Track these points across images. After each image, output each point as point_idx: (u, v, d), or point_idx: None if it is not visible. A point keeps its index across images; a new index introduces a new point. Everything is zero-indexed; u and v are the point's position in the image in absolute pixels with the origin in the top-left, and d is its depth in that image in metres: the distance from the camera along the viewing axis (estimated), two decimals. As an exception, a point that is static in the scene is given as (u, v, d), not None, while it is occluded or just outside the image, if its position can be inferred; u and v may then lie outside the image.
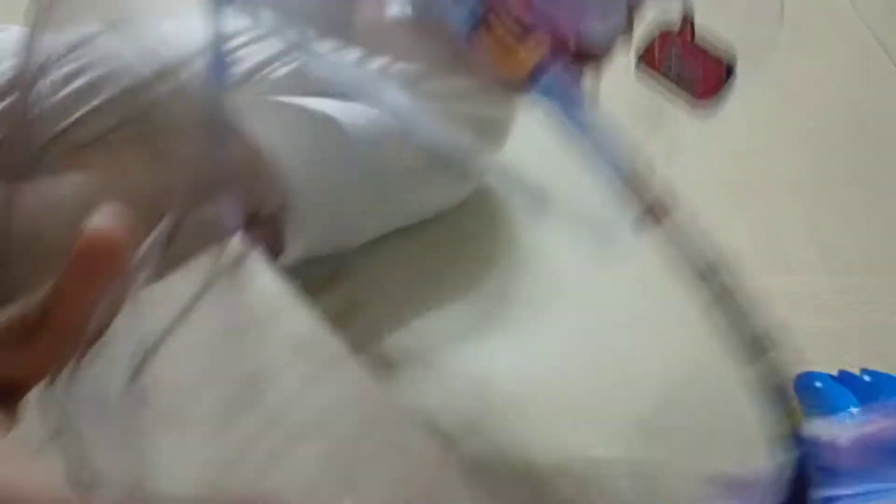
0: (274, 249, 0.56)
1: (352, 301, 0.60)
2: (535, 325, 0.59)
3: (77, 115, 0.56)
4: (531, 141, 0.59)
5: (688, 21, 0.41)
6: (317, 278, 0.60)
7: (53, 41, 0.59)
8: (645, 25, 0.42)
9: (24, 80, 0.56)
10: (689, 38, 0.41)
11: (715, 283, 0.29)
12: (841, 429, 0.39)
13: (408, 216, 0.64)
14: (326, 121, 0.59)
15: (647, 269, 0.60)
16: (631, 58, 0.42)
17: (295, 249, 0.57)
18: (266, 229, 0.56)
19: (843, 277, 0.64)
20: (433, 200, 0.65)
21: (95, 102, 0.56)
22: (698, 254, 0.29)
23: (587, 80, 0.43)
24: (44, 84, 0.56)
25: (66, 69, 0.57)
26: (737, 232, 0.68)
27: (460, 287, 0.62)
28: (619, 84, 0.43)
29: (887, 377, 0.53)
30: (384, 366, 0.54)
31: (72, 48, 0.58)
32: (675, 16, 0.40)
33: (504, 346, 0.58)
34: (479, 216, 0.68)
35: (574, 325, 0.60)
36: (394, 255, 0.63)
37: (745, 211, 0.70)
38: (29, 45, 0.58)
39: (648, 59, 0.42)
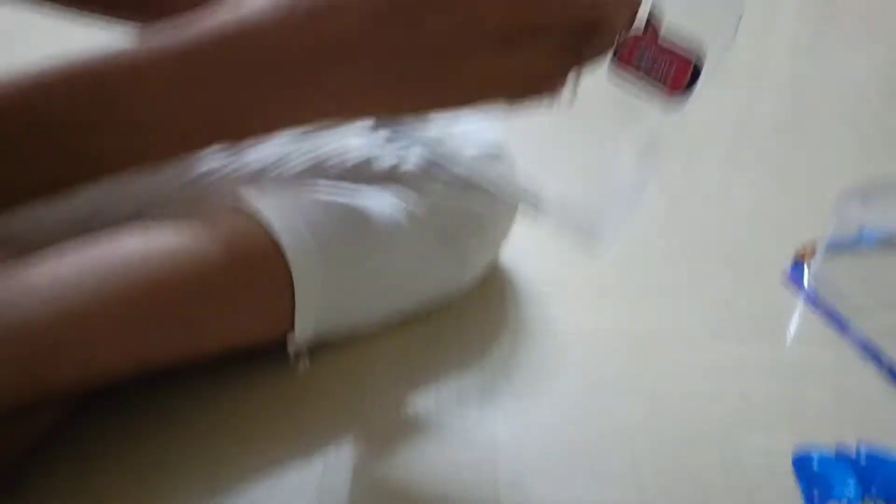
0: (283, 333, 0.59)
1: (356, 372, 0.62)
2: (539, 392, 0.61)
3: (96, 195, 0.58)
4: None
5: (655, 19, 0.44)
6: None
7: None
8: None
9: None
10: (656, 35, 0.45)
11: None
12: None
13: (416, 305, 0.66)
14: (338, 207, 0.61)
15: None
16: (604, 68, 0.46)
17: (304, 332, 0.59)
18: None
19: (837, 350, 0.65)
20: (443, 285, 0.67)
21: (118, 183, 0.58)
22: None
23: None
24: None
25: None
26: (735, 303, 0.70)
27: (467, 361, 0.64)
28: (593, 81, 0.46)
29: (883, 457, 0.54)
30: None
31: None
32: (644, 15, 0.44)
33: (509, 413, 0.59)
34: (484, 292, 0.70)
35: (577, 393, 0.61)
36: (402, 332, 0.65)
37: (747, 282, 0.72)
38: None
39: (622, 56, 0.45)
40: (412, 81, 0.39)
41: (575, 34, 0.41)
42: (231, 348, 0.58)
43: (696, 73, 0.46)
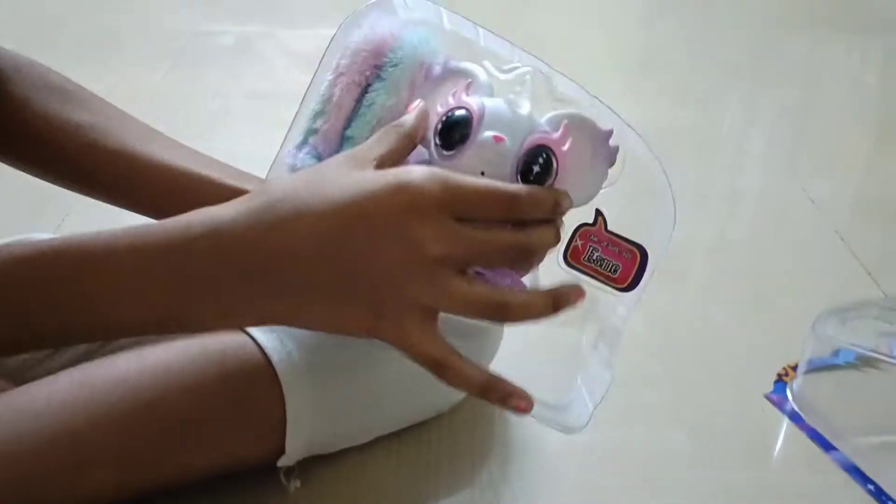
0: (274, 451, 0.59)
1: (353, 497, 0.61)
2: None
3: None
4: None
5: (600, 213, 0.48)
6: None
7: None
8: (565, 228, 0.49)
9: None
10: (603, 227, 0.49)
11: None
12: None
13: (406, 419, 0.66)
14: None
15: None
16: (558, 256, 0.49)
17: (296, 450, 0.59)
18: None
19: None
20: (431, 402, 0.67)
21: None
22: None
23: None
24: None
25: None
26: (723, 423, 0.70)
27: (458, 483, 0.64)
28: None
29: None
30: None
31: None
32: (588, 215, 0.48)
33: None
34: (474, 408, 0.70)
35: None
36: (391, 451, 0.65)
37: (729, 404, 0.73)
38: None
39: (573, 255, 0.49)
40: (354, 299, 0.43)
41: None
42: (222, 468, 0.58)
43: (643, 266, 0.49)
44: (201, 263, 0.41)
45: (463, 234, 0.42)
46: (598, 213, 0.48)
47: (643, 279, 0.49)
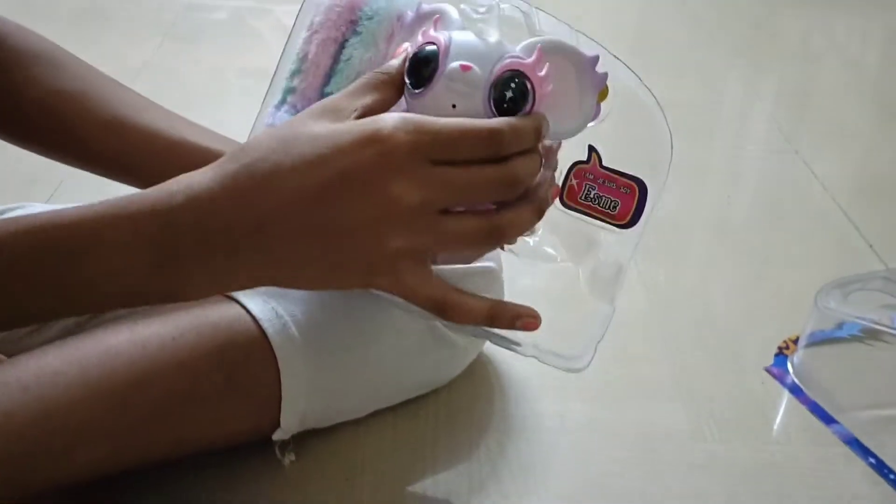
0: (269, 425, 0.58)
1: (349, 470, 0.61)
2: (528, 492, 0.60)
3: None
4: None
5: (593, 150, 0.47)
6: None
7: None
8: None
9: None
10: (598, 164, 0.47)
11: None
12: None
13: (403, 393, 0.66)
14: (325, 296, 0.61)
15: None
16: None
17: (291, 424, 0.58)
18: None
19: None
20: (429, 377, 0.67)
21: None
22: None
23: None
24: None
25: None
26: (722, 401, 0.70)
27: (455, 458, 0.63)
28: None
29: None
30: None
31: None
32: (581, 151, 0.47)
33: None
34: (473, 385, 0.70)
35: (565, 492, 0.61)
36: (387, 425, 0.65)
37: (730, 378, 0.72)
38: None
39: (569, 195, 0.47)
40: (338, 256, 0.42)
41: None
42: (216, 442, 0.57)
43: (642, 200, 0.48)
44: (186, 232, 0.40)
45: (441, 178, 0.41)
46: (592, 149, 0.47)
47: (644, 214, 0.48)
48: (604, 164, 0.47)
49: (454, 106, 0.42)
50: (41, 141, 0.62)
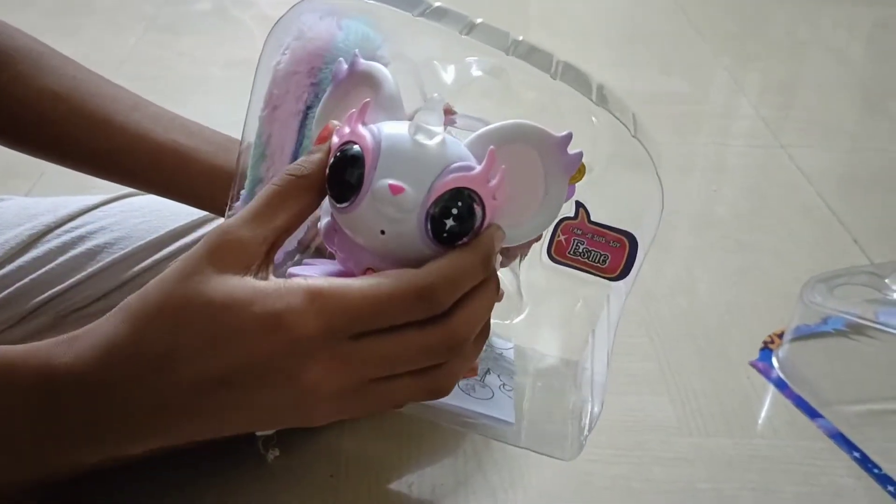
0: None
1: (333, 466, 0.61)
2: (514, 487, 0.60)
3: (66, 284, 0.57)
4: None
5: (581, 205, 0.44)
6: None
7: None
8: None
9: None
10: (586, 219, 0.44)
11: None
12: None
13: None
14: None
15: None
16: (542, 252, 0.44)
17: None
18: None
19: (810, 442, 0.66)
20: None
21: (87, 271, 0.58)
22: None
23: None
24: (38, 252, 0.59)
25: (64, 238, 0.59)
26: (708, 396, 0.70)
27: (441, 454, 0.63)
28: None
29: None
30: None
31: (71, 217, 0.61)
32: (569, 206, 0.43)
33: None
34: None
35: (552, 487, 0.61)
36: (372, 421, 0.64)
37: (715, 372, 0.72)
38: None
39: (557, 250, 0.44)
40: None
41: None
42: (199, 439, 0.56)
43: (633, 253, 0.44)
44: (71, 413, 0.35)
45: (363, 355, 0.34)
46: (579, 205, 0.43)
47: (635, 265, 0.44)
48: (592, 219, 0.44)
49: (382, 232, 0.34)
50: (26, 140, 0.61)
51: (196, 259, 0.34)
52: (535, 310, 0.50)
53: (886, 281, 0.71)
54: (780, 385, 0.71)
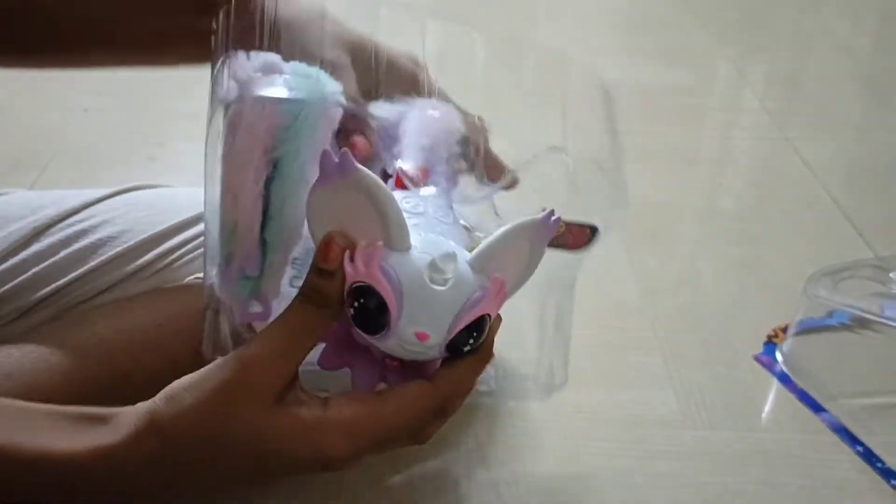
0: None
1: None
2: (516, 480, 0.60)
3: (69, 277, 0.57)
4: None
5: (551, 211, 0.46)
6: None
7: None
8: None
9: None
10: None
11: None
12: None
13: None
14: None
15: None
16: None
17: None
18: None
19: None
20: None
21: (90, 265, 0.58)
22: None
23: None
24: (41, 245, 0.59)
25: (67, 231, 0.59)
26: (710, 391, 0.70)
27: (443, 445, 0.63)
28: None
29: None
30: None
31: (75, 210, 0.61)
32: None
33: (486, 499, 0.58)
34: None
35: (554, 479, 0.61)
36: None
37: (719, 366, 0.72)
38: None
39: None
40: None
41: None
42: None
43: (593, 236, 0.48)
44: (106, 497, 0.40)
45: (378, 454, 0.41)
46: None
47: (595, 241, 0.49)
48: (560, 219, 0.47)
49: (407, 355, 0.40)
50: (27, 46, 0.59)
51: (234, 393, 0.38)
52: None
53: (891, 275, 0.71)
54: (784, 379, 0.71)
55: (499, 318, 0.41)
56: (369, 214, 0.38)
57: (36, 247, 0.58)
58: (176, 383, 0.39)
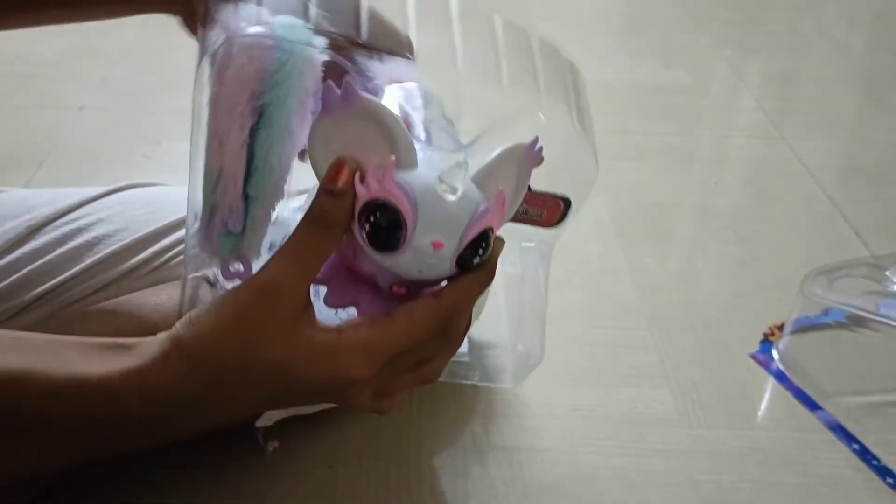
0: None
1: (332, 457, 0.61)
2: (513, 477, 0.60)
3: (64, 276, 0.57)
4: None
5: None
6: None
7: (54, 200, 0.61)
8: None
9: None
10: (528, 189, 0.47)
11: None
12: None
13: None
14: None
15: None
16: None
17: (274, 411, 0.58)
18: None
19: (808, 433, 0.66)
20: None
21: (85, 263, 0.58)
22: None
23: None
24: (37, 244, 0.58)
25: (63, 229, 0.59)
26: (707, 389, 0.70)
27: (441, 441, 0.63)
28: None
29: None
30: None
31: (70, 209, 0.61)
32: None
33: (484, 496, 0.58)
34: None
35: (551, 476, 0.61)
36: (372, 417, 0.64)
37: (716, 364, 0.72)
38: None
39: None
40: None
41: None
42: (199, 428, 0.57)
43: (567, 208, 0.50)
44: (136, 426, 0.41)
45: (398, 380, 0.42)
46: None
47: (568, 216, 0.51)
48: (533, 189, 0.48)
49: (420, 271, 0.40)
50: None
51: (252, 314, 0.39)
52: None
53: (887, 273, 0.71)
54: (781, 377, 0.71)
55: (501, 241, 0.42)
56: (374, 139, 0.39)
57: (31, 245, 0.58)
58: (193, 312, 0.40)
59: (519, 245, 0.55)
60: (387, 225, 0.39)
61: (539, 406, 0.67)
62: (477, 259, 0.41)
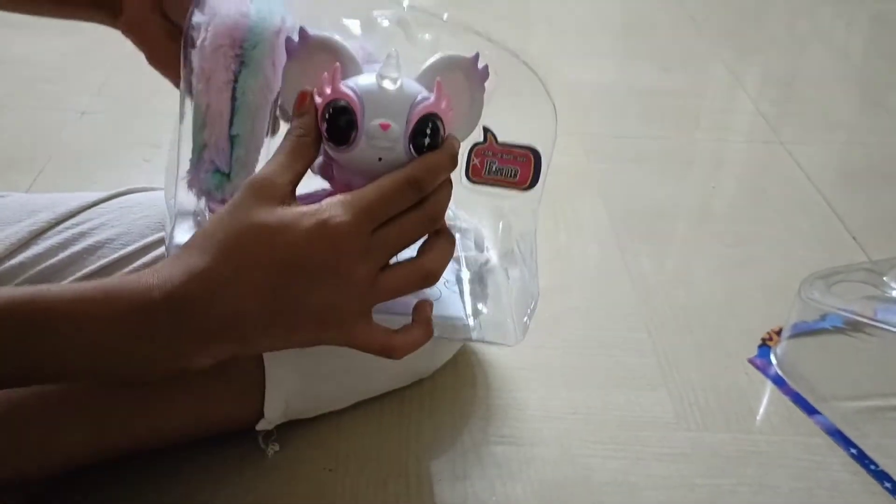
0: (253, 415, 0.58)
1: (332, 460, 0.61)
2: (512, 478, 0.60)
3: (67, 280, 0.57)
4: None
5: (487, 130, 0.52)
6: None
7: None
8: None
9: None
10: (493, 141, 0.52)
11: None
12: None
13: (387, 385, 0.65)
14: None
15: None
16: (461, 177, 0.53)
17: (275, 414, 0.58)
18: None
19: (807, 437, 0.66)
20: (414, 367, 0.66)
21: (89, 268, 0.58)
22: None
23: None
24: (39, 248, 0.59)
25: (65, 234, 0.59)
26: (703, 389, 0.70)
27: (438, 443, 0.63)
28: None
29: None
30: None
31: (71, 214, 0.61)
32: (478, 133, 0.52)
33: (481, 497, 0.58)
34: (455, 373, 0.70)
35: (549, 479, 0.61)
36: (371, 415, 0.65)
37: (714, 368, 0.73)
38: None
39: (473, 172, 0.53)
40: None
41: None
42: (200, 431, 0.57)
43: (538, 164, 0.53)
44: (163, 327, 0.43)
45: (379, 242, 0.45)
46: (486, 130, 0.52)
47: (541, 174, 0.53)
48: (499, 140, 0.52)
49: (380, 159, 0.46)
50: None
51: (245, 199, 0.44)
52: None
53: (885, 278, 0.72)
54: (779, 382, 0.71)
55: (454, 137, 0.48)
56: (327, 65, 0.47)
57: (34, 249, 0.58)
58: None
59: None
60: (340, 119, 0.45)
61: (537, 408, 0.67)
62: (427, 140, 0.46)
